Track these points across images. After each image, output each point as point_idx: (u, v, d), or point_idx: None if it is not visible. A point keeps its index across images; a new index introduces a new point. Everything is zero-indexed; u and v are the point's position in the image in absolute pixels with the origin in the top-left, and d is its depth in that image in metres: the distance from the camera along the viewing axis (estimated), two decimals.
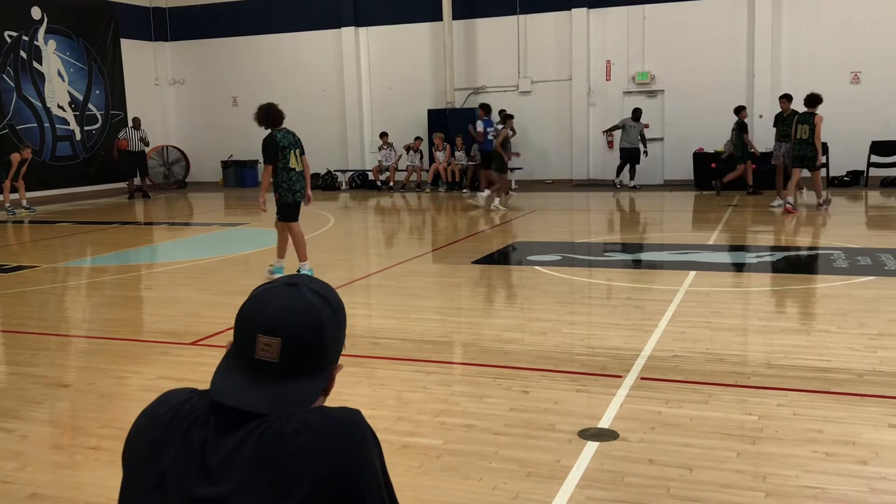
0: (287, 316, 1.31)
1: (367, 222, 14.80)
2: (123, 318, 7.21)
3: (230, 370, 1.35)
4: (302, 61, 21.71)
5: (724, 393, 4.62)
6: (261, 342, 1.30)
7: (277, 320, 1.30)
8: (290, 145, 8.10)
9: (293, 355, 1.31)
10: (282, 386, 1.31)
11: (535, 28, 19.51)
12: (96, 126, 20.79)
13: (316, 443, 1.27)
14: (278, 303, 1.32)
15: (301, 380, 1.33)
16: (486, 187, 15.60)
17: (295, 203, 8.24)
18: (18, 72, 18.72)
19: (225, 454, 1.28)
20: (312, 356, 1.33)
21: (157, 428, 1.36)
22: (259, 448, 1.27)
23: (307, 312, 1.32)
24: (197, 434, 1.31)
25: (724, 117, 17.75)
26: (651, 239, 11.03)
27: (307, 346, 1.32)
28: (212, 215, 15.94)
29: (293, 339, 1.31)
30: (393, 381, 4.99)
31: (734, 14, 17.95)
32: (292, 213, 8.29)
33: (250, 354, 1.32)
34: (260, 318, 1.32)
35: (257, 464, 1.26)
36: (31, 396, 4.98)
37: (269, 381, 1.31)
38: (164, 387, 5.18)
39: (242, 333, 1.34)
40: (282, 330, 1.30)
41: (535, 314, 6.76)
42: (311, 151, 21.83)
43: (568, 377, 4.99)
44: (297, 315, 1.32)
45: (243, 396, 1.30)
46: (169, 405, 1.38)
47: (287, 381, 1.32)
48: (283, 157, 8.03)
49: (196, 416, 1.34)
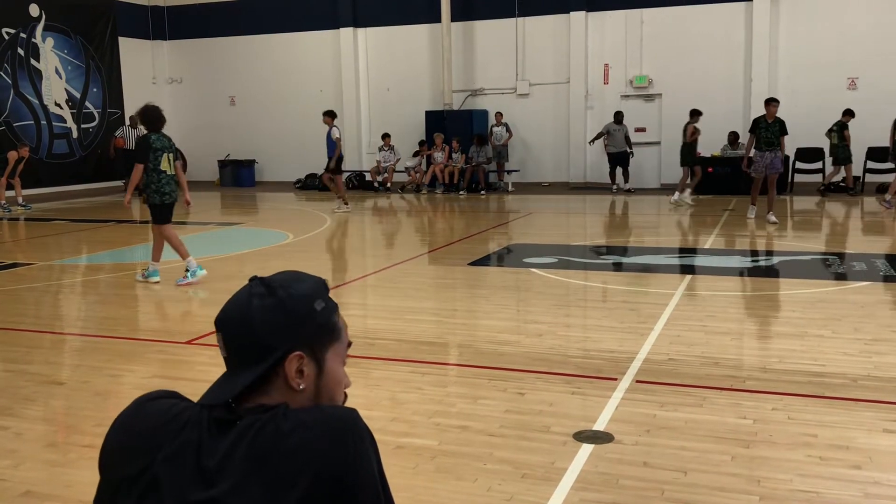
0: (226, 312, 1.37)
1: (363, 223, 14.79)
2: (118, 317, 7.20)
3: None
4: (300, 61, 21.71)
5: (719, 397, 4.63)
6: (218, 338, 1.38)
7: (221, 316, 1.38)
8: (163, 148, 8.19)
9: (233, 349, 1.36)
10: (230, 378, 1.36)
11: (534, 31, 19.53)
12: (93, 124, 20.76)
13: (311, 442, 1.26)
14: (229, 301, 1.39)
15: (246, 369, 1.34)
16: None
17: (163, 205, 8.29)
18: (16, 69, 18.68)
19: (221, 455, 1.27)
20: (247, 348, 1.35)
21: (143, 433, 1.35)
22: (254, 448, 1.27)
23: (240, 306, 1.36)
24: (190, 437, 1.31)
25: (721, 121, 17.81)
26: (647, 242, 11.04)
27: (238, 338, 1.35)
28: (208, 214, 15.92)
29: (228, 333, 1.36)
30: (388, 382, 4.99)
31: (732, 19, 17.99)
32: (161, 215, 8.37)
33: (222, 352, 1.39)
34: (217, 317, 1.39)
35: (253, 464, 1.26)
36: (25, 394, 4.97)
37: (228, 375, 1.36)
38: (159, 385, 5.16)
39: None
40: (221, 325, 1.37)
41: (530, 316, 6.76)
42: (308, 152, 22.07)
43: (563, 379, 4.99)
44: (231, 309, 1.37)
45: (212, 391, 1.36)
46: (153, 409, 1.38)
47: (236, 374, 1.35)
48: (155, 158, 8.12)
49: (186, 420, 1.33)
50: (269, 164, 22.26)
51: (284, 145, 21.94)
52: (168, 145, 8.27)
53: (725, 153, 17.16)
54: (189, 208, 8.63)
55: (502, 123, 18.83)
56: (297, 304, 1.37)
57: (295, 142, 21.81)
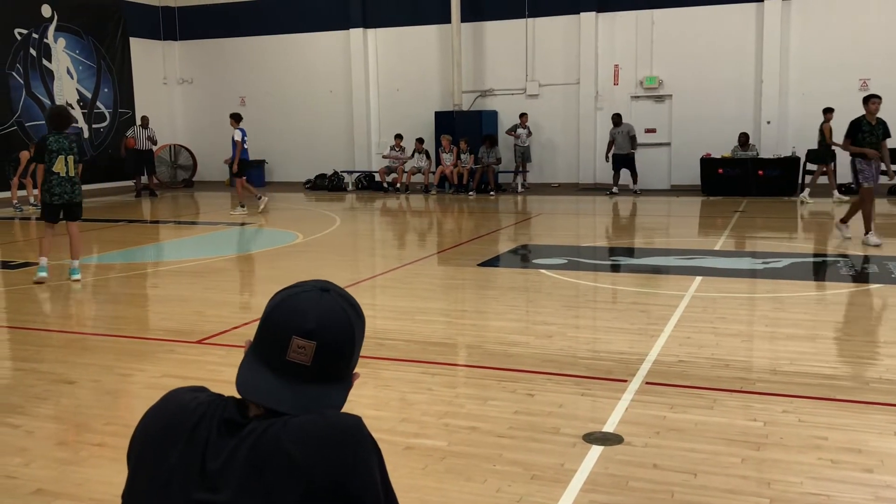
0: (324, 321, 1.33)
1: (373, 224, 14.82)
2: (129, 316, 7.23)
3: (256, 369, 1.35)
4: (310, 62, 21.75)
5: (730, 399, 4.61)
6: (295, 344, 1.32)
7: (315, 325, 1.32)
8: (59, 150, 8.35)
9: (324, 360, 1.33)
10: (309, 388, 1.33)
11: (544, 31, 19.51)
12: (104, 124, 20.85)
13: (313, 449, 1.26)
14: (315, 308, 1.34)
15: (327, 385, 1.34)
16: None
17: (52, 205, 8.44)
18: (28, 69, 18.79)
19: (224, 458, 1.28)
20: (341, 362, 1.36)
21: (164, 427, 1.36)
22: (255, 453, 1.26)
23: (342, 320, 1.35)
24: (201, 434, 1.31)
25: (732, 122, 17.76)
26: (657, 244, 11.02)
27: (338, 352, 1.34)
28: (218, 214, 15.97)
29: (327, 345, 1.33)
30: (398, 383, 4.99)
31: (743, 19, 17.93)
32: (49, 214, 8.53)
33: (281, 355, 1.32)
34: (297, 321, 1.32)
35: (253, 469, 1.26)
36: (36, 393, 4.99)
37: (297, 382, 1.32)
38: (170, 385, 5.17)
39: (274, 334, 1.34)
40: (318, 334, 1.32)
41: (540, 317, 6.75)
42: (317, 152, 22.16)
43: (573, 381, 4.98)
44: (334, 321, 1.34)
45: (270, 393, 1.31)
46: (175, 403, 1.38)
47: (314, 385, 1.33)
48: (50, 160, 8.31)
49: (201, 415, 1.34)
50: (278, 164, 22.31)
51: (294, 145, 21.99)
52: (67, 147, 8.41)
53: (736, 154, 17.11)
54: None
55: (526, 125, 18.82)
56: (364, 323, 1.44)
57: (305, 142, 21.85)
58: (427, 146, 19.50)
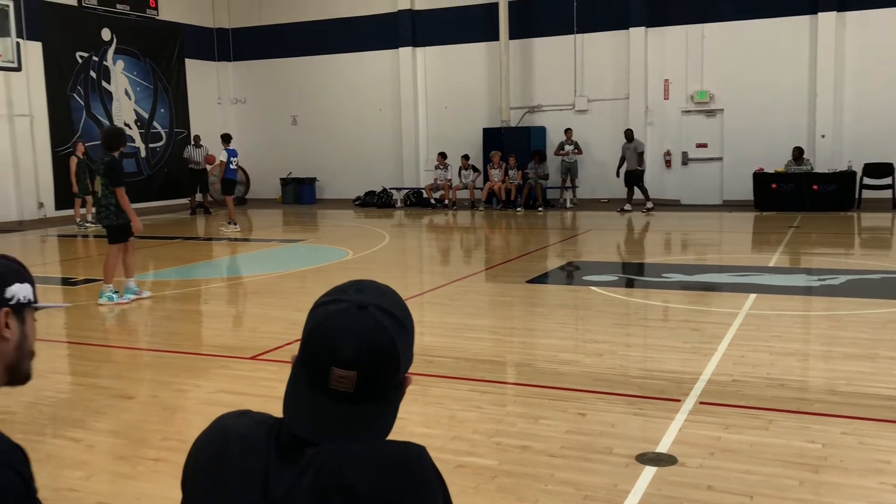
0: (362, 348, 1.26)
1: (421, 240, 14.89)
2: (185, 332, 7.38)
3: (302, 397, 1.31)
4: (359, 81, 22.02)
5: (786, 419, 4.52)
6: (335, 374, 1.26)
7: (353, 355, 1.26)
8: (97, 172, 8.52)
9: (368, 384, 1.28)
10: (359, 413, 1.28)
11: (593, 47, 19.47)
12: (160, 143, 21.38)
13: (377, 482, 1.23)
14: (352, 333, 1.27)
15: (377, 402, 1.30)
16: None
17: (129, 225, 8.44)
18: (88, 91, 19.38)
19: (287, 486, 1.25)
20: (387, 381, 1.30)
21: (213, 455, 1.33)
22: (318, 482, 1.24)
23: (382, 343, 1.28)
24: (256, 461, 1.28)
25: (785, 136, 17.47)
26: (709, 260, 10.87)
27: (382, 374, 1.29)
28: (270, 231, 16.23)
29: (369, 371, 1.27)
30: (447, 400, 5.00)
31: (796, 32, 17.65)
32: (127, 234, 8.52)
33: (323, 383, 1.28)
34: (334, 350, 1.26)
35: (317, 499, 1.24)
36: (96, 407, 5.12)
37: (345, 406, 1.28)
38: (225, 400, 5.23)
39: (315, 363, 1.29)
40: (358, 363, 1.26)
41: (590, 335, 6.71)
42: (367, 169, 22.40)
43: (625, 400, 4.94)
44: (373, 347, 1.27)
45: (319, 425, 1.28)
46: (223, 430, 1.36)
47: (364, 406, 1.28)
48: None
49: (252, 442, 1.31)
50: (329, 181, 22.60)
51: (344, 163, 22.25)
52: (98, 169, 8.54)
53: (790, 169, 16.81)
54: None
55: (572, 141, 18.78)
56: (412, 325, 1.35)
57: (354, 159, 22.10)
58: (475, 162, 19.56)
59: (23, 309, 1.57)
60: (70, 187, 16.54)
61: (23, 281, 1.58)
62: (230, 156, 15.89)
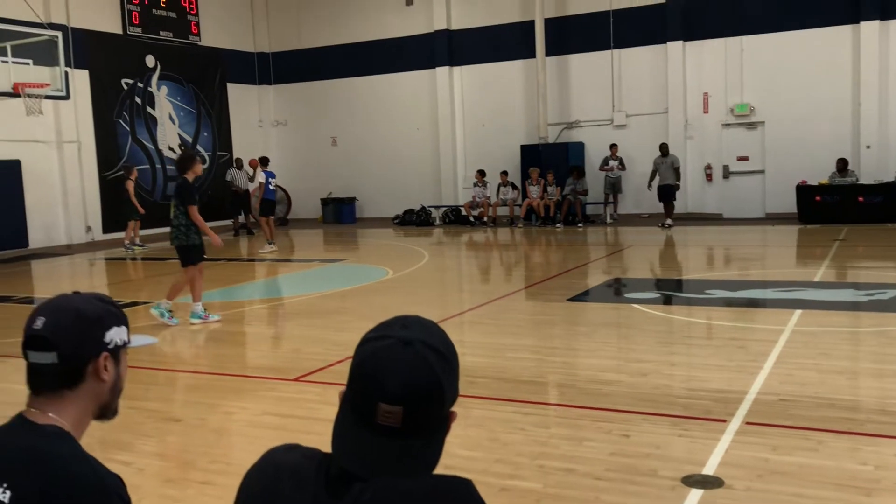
0: (408, 384, 1.29)
1: (460, 258, 14.92)
2: (229, 354, 7.48)
3: (350, 432, 1.33)
4: (397, 101, 22.22)
5: (836, 440, 4.44)
6: (382, 409, 1.29)
7: (399, 390, 1.28)
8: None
9: (415, 419, 1.30)
10: (405, 447, 1.31)
11: (630, 62, 19.42)
12: (204, 167, 21.73)
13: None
14: (397, 369, 1.30)
15: (423, 438, 1.32)
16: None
17: (200, 246, 8.60)
18: (133, 116, 19.84)
19: None
20: (434, 416, 1.33)
21: (263, 490, 1.36)
22: None
23: (427, 378, 1.30)
24: (307, 496, 1.31)
25: (828, 148, 17.20)
26: (753, 275, 10.72)
27: (428, 409, 1.31)
28: (312, 251, 16.39)
29: (415, 406, 1.29)
30: (490, 422, 4.99)
31: (838, 42, 17.41)
32: (199, 255, 8.67)
33: (370, 418, 1.30)
34: (380, 386, 1.29)
35: None
36: (145, 430, 5.21)
37: (392, 441, 1.31)
38: (270, 423, 5.28)
39: (361, 398, 1.32)
40: (404, 398, 1.29)
41: (633, 354, 6.66)
42: (405, 188, 22.54)
43: (669, 421, 4.89)
44: (418, 382, 1.30)
45: (369, 461, 1.30)
46: (274, 465, 1.39)
47: (410, 441, 1.31)
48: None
49: (303, 477, 1.34)
50: (368, 200, 22.78)
51: (383, 182, 22.42)
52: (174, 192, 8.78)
53: (833, 181, 16.54)
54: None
55: (617, 156, 18.73)
56: (457, 361, 1.39)
57: (393, 178, 22.26)
58: (513, 179, 19.58)
59: (118, 351, 1.65)
60: (126, 211, 16.93)
61: (119, 324, 1.66)
62: (268, 177, 16.14)
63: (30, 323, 1.59)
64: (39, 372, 1.59)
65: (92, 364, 1.61)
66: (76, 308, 1.60)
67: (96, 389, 1.63)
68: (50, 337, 1.56)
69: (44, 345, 1.57)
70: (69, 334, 1.57)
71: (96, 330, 1.61)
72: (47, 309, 1.60)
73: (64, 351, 1.57)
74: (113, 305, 1.68)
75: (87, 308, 1.61)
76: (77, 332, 1.58)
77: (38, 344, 1.57)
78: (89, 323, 1.60)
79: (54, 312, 1.59)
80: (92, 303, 1.63)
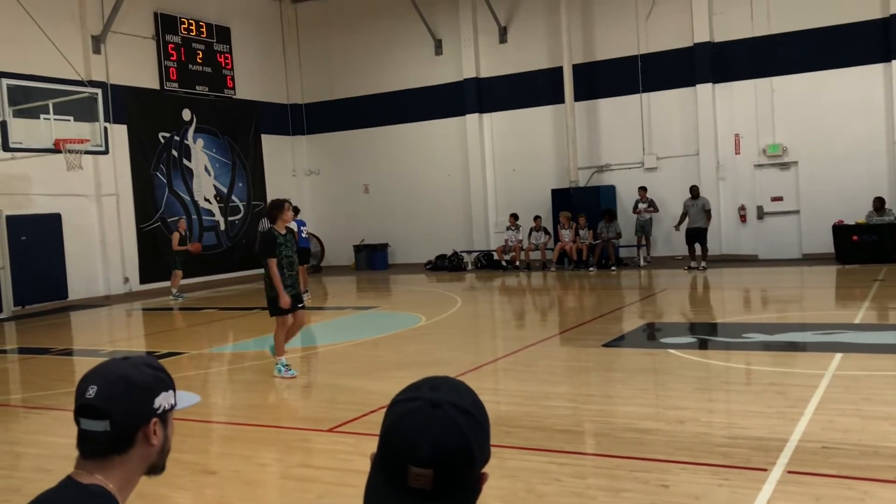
0: (438, 447, 1.30)
1: (493, 303, 14.88)
2: (263, 404, 7.50)
3: (382, 495, 1.35)
4: (428, 148, 22.45)
5: (882, 490, 4.32)
6: (413, 472, 1.30)
7: (429, 454, 1.30)
8: (285, 243, 8.21)
9: (446, 481, 1.31)
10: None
11: (659, 105, 19.46)
12: (239, 216, 22.10)
13: None
14: (427, 432, 1.32)
15: (455, 500, 1.33)
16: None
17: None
18: (170, 169, 20.25)
19: None
20: (465, 478, 1.34)
21: None
22: None
23: (457, 441, 1.32)
24: None
25: (864, 187, 17.00)
26: (791, 318, 10.55)
27: (458, 471, 1.32)
28: (345, 298, 16.47)
29: (446, 469, 1.31)
30: (525, 473, 4.94)
31: (870, 80, 17.31)
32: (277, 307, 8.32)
33: (401, 481, 1.32)
34: (410, 449, 1.31)
35: None
36: (180, 483, 5.23)
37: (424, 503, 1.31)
38: (304, 475, 5.28)
39: (392, 461, 1.34)
40: (434, 461, 1.30)
41: (670, 401, 6.56)
42: (436, 233, 22.58)
43: (709, 470, 4.79)
44: (448, 445, 1.31)
45: None
46: None
47: (442, 502, 1.31)
48: (280, 253, 8.15)
49: None
50: (400, 246, 22.90)
51: (415, 228, 22.55)
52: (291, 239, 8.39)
53: (871, 220, 16.30)
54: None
55: (647, 199, 18.71)
56: (487, 422, 1.39)
57: (425, 224, 22.39)
58: (545, 223, 19.59)
59: (166, 414, 1.69)
60: (167, 262, 17.26)
61: (167, 389, 1.70)
62: (299, 226, 16.27)
63: (81, 391, 1.63)
64: (91, 438, 1.63)
65: (142, 430, 1.65)
66: (126, 376, 1.64)
67: (145, 453, 1.68)
68: (102, 406, 1.60)
69: (96, 413, 1.61)
70: (120, 403, 1.61)
71: (147, 397, 1.65)
72: (98, 376, 1.64)
73: (116, 419, 1.61)
74: (161, 371, 1.72)
75: (137, 376, 1.65)
76: (128, 400, 1.62)
77: (90, 412, 1.62)
78: (140, 391, 1.64)
79: (106, 381, 1.63)
80: (141, 369, 1.67)
